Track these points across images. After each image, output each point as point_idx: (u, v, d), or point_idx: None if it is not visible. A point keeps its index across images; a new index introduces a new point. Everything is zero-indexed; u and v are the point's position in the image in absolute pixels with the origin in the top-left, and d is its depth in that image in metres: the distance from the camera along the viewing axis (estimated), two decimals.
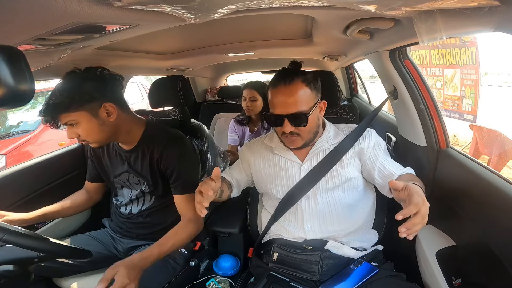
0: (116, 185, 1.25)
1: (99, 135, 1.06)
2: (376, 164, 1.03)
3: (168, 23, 0.71)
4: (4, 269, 0.88)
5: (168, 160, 1.13)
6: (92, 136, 1.05)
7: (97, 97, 1.02)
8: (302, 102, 0.96)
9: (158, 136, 1.16)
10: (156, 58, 1.60)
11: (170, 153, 1.13)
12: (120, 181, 1.23)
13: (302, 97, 0.96)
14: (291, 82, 0.96)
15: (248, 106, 2.02)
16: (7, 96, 0.38)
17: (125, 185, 1.23)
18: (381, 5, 0.62)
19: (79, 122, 1.01)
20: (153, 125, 1.22)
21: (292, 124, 0.97)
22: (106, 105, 1.04)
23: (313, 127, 1.02)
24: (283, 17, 1.11)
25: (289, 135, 1.00)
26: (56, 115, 0.99)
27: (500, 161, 3.57)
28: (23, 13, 0.46)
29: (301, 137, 1.01)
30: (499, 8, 0.55)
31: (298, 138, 1.01)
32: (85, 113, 1.01)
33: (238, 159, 1.24)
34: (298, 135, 1.00)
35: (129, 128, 1.14)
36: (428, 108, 1.15)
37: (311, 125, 1.00)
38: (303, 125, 0.97)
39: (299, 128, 0.98)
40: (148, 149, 1.14)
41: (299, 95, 0.95)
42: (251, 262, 1.13)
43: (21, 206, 1.29)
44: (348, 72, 2.96)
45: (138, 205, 1.23)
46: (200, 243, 1.31)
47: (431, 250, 1.01)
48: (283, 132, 1.00)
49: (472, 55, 3.73)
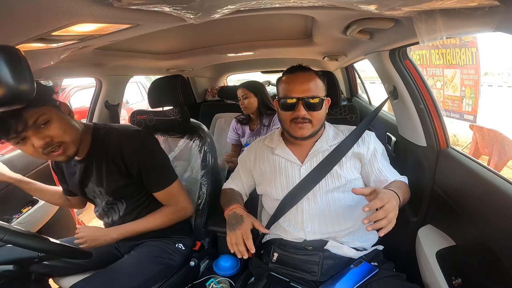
0: (89, 196, 1.16)
1: (75, 133, 0.94)
2: (374, 169, 1.07)
3: (168, 23, 0.71)
4: (4, 269, 0.88)
5: (130, 160, 1.03)
6: (70, 134, 0.91)
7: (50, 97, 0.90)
8: (318, 89, 1.02)
9: (109, 138, 1.05)
10: (156, 58, 1.60)
11: (128, 153, 1.03)
12: (90, 191, 1.14)
13: (317, 85, 1.03)
14: (308, 71, 1.05)
15: (242, 104, 2.07)
16: (7, 96, 0.38)
17: (96, 196, 1.15)
18: (381, 5, 0.62)
19: (51, 118, 0.87)
20: (100, 128, 1.09)
21: (306, 108, 1.00)
22: (63, 104, 0.93)
23: (323, 117, 1.06)
24: (283, 17, 1.11)
25: (300, 121, 1.01)
26: (19, 116, 0.81)
27: (500, 161, 3.57)
28: (23, 13, 0.46)
29: (312, 124, 1.02)
30: (499, 8, 0.55)
31: (308, 125, 1.02)
32: (51, 108, 0.88)
33: (237, 168, 1.25)
34: (310, 122, 1.02)
35: (81, 134, 1.01)
36: (428, 108, 1.15)
37: (322, 113, 1.04)
38: (318, 109, 1.01)
39: (312, 114, 1.01)
40: (102, 154, 1.04)
41: (315, 82, 1.03)
42: (251, 262, 1.13)
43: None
44: (348, 72, 2.96)
45: (116, 212, 1.17)
46: (200, 243, 1.31)
47: (431, 250, 1.01)
48: (294, 118, 1.01)
49: (472, 55, 3.73)
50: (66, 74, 1.48)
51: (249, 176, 1.21)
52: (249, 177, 1.21)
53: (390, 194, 0.84)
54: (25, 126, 0.83)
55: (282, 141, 1.13)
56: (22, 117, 0.81)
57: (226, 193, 1.21)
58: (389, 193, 0.84)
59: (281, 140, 1.14)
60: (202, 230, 1.34)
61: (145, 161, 1.06)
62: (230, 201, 1.11)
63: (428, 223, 1.14)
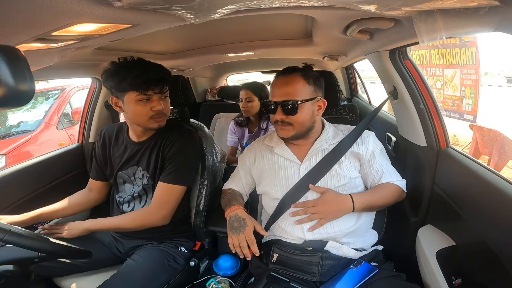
0: (119, 180, 1.24)
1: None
2: (372, 170, 1.08)
3: (168, 23, 0.71)
4: (4, 269, 0.88)
5: (171, 149, 1.15)
6: (168, 112, 1.17)
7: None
8: (296, 93, 1.01)
9: (172, 129, 1.19)
10: (156, 58, 1.60)
11: (175, 144, 1.15)
12: (125, 175, 1.23)
13: (297, 88, 1.02)
14: (290, 74, 1.04)
15: (244, 107, 2.03)
16: (7, 96, 0.38)
17: (128, 180, 1.22)
18: (381, 5, 0.62)
19: (167, 94, 1.15)
20: (172, 120, 1.25)
21: (283, 112, 1.02)
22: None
23: (306, 121, 1.04)
24: (283, 17, 1.11)
25: (280, 123, 1.04)
26: (167, 84, 1.12)
27: (500, 161, 3.57)
28: (23, 13, 0.46)
29: (293, 127, 1.04)
30: (499, 8, 0.55)
31: (289, 128, 1.04)
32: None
33: (237, 168, 1.26)
34: (290, 124, 1.03)
35: None
36: (428, 108, 1.15)
37: (303, 117, 1.03)
38: (294, 114, 1.01)
39: (290, 118, 1.02)
40: (161, 141, 1.17)
41: (294, 86, 1.02)
42: (251, 263, 1.13)
43: (19, 206, 1.28)
44: (348, 72, 2.96)
45: (140, 203, 1.22)
46: (200, 243, 1.31)
47: (431, 250, 1.01)
48: (276, 120, 1.05)
49: (472, 55, 3.73)
50: (66, 74, 1.47)
51: (249, 176, 1.21)
52: (249, 177, 1.21)
53: (329, 200, 1.02)
54: (162, 90, 1.10)
55: (282, 141, 1.13)
56: (161, 84, 1.09)
57: (227, 193, 1.21)
58: (328, 200, 1.02)
59: (281, 139, 1.14)
60: (202, 230, 1.34)
61: (175, 155, 1.15)
62: (230, 201, 1.12)
63: (428, 223, 1.14)
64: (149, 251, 1.16)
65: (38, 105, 3.94)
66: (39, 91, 4.00)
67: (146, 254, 1.15)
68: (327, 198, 1.02)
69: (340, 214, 1.01)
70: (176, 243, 1.23)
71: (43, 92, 4.00)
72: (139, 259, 1.13)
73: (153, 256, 1.14)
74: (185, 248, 1.23)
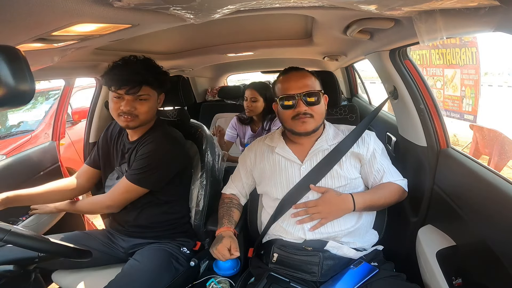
0: (114, 174, 1.27)
1: (151, 115, 1.16)
2: (373, 170, 1.08)
3: (168, 23, 0.71)
4: (4, 269, 0.88)
5: (142, 150, 1.14)
6: (150, 114, 1.15)
7: (165, 86, 1.18)
8: (314, 85, 1.06)
9: (158, 131, 1.19)
10: (156, 58, 1.59)
11: (148, 145, 1.13)
12: (119, 171, 1.25)
13: (313, 80, 1.07)
14: (300, 69, 1.09)
15: (249, 106, 2.02)
16: (7, 96, 0.38)
17: (121, 176, 1.23)
18: (381, 5, 0.62)
19: (150, 98, 1.11)
20: (158, 125, 1.24)
21: (305, 103, 1.02)
22: (162, 96, 1.19)
23: (323, 111, 1.08)
24: (283, 17, 1.11)
25: (302, 116, 1.03)
26: (140, 85, 1.08)
27: (501, 161, 3.57)
28: (23, 13, 0.46)
29: (314, 119, 1.04)
30: (499, 8, 0.55)
31: (311, 120, 1.04)
32: (155, 92, 1.14)
33: (237, 168, 1.26)
34: (312, 116, 1.03)
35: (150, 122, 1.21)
36: (428, 108, 1.15)
37: (323, 108, 1.07)
38: (317, 104, 1.03)
39: (312, 108, 1.03)
40: (144, 142, 1.16)
41: (310, 78, 1.06)
42: (251, 262, 1.13)
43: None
44: (348, 72, 2.96)
45: None
46: (200, 243, 1.31)
47: (431, 250, 1.01)
48: (296, 115, 1.03)
49: (472, 55, 3.73)
50: (66, 74, 1.48)
51: (249, 176, 1.21)
52: (249, 177, 1.21)
53: (330, 200, 1.01)
54: (130, 91, 1.07)
55: (283, 140, 1.13)
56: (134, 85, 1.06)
57: (224, 203, 1.22)
58: (327, 201, 1.01)
59: (282, 139, 1.14)
60: (202, 230, 1.34)
61: (143, 155, 1.13)
62: (223, 218, 1.14)
63: (428, 223, 1.14)
64: (153, 251, 1.16)
65: (38, 105, 3.94)
66: (39, 91, 4.00)
67: (150, 254, 1.15)
68: (328, 197, 1.02)
69: (341, 214, 1.01)
70: (178, 242, 1.23)
71: (43, 92, 4.00)
72: (143, 259, 1.12)
73: (157, 256, 1.14)
74: (187, 248, 1.23)
